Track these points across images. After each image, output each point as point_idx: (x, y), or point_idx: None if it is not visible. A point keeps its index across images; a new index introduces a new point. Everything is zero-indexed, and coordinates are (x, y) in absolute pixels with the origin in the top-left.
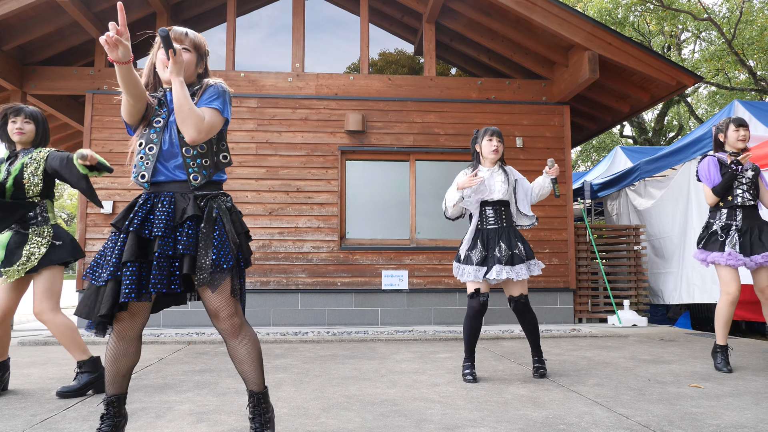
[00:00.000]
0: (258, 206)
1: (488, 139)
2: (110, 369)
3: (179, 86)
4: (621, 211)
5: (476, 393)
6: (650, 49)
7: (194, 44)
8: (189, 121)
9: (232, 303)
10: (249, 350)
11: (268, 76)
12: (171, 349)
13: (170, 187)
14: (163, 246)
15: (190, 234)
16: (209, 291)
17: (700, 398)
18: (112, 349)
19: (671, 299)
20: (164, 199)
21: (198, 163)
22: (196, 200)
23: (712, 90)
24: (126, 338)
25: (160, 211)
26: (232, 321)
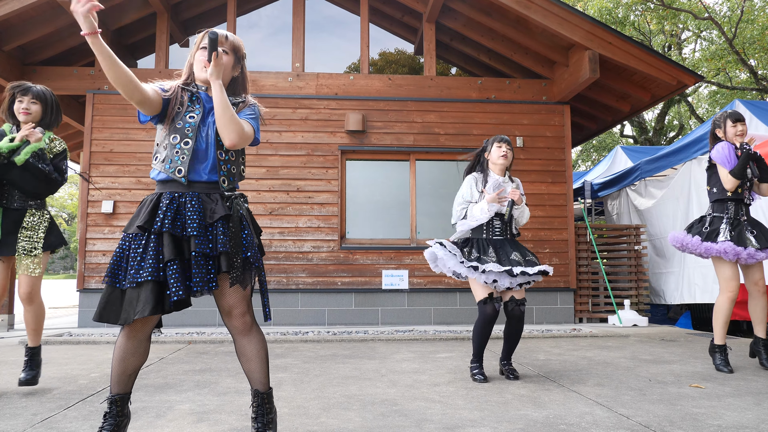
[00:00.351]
0: (258, 206)
1: (498, 146)
2: (118, 368)
3: (219, 90)
4: (621, 210)
5: (476, 393)
6: (651, 48)
7: (233, 47)
8: (232, 127)
9: (246, 301)
10: (258, 349)
11: (268, 76)
12: (171, 349)
13: (196, 188)
14: (200, 245)
15: (224, 232)
16: (227, 289)
17: (701, 398)
18: (122, 348)
19: (673, 299)
20: (192, 198)
21: (228, 169)
22: (223, 200)
23: (713, 89)
24: (136, 338)
25: (191, 210)
26: (245, 319)
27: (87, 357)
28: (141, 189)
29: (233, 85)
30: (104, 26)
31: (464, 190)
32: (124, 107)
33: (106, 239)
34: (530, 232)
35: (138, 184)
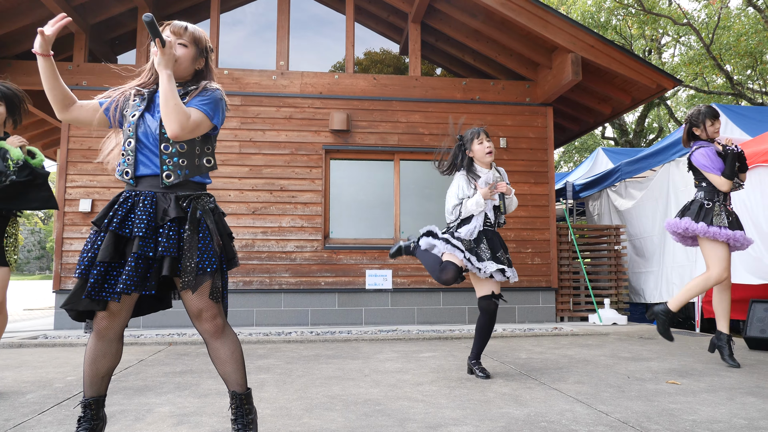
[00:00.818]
0: (241, 205)
1: (479, 142)
2: (89, 370)
3: (166, 79)
4: (602, 211)
5: (459, 392)
6: (631, 52)
7: (193, 38)
8: (173, 116)
9: (215, 304)
10: (231, 351)
11: (252, 74)
12: (151, 351)
13: (150, 182)
14: (143, 247)
15: (171, 236)
16: (191, 293)
17: (677, 394)
18: (92, 350)
19: (652, 298)
20: (145, 198)
21: (174, 162)
22: (178, 201)
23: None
24: (106, 338)
25: (142, 210)
26: (215, 322)
27: (63, 360)
28: (120, 187)
29: (197, 80)
30: (84, 20)
31: (456, 189)
32: None
33: (84, 239)
34: (513, 232)
35: (117, 183)
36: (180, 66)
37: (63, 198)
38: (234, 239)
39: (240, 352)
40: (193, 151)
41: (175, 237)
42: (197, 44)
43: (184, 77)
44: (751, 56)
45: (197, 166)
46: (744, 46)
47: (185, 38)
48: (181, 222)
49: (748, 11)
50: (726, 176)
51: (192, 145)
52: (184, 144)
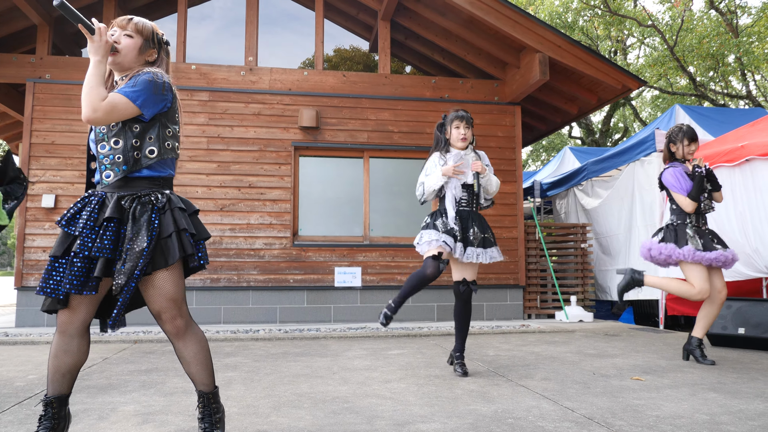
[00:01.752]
0: (209, 202)
1: (456, 126)
2: (51, 365)
3: (93, 66)
4: (569, 209)
5: (427, 389)
6: (598, 53)
7: (137, 29)
8: (86, 99)
9: (175, 305)
10: (196, 351)
11: (220, 70)
12: (116, 348)
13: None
14: (81, 246)
15: (109, 236)
16: (150, 293)
17: (641, 390)
18: (54, 345)
19: None
20: (94, 198)
21: (111, 160)
22: (119, 201)
23: (655, 94)
24: (67, 333)
25: (86, 210)
26: (175, 323)
27: (25, 358)
28: (84, 182)
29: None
30: (48, 13)
31: (427, 165)
32: (67, 97)
33: (47, 235)
34: None
35: (81, 178)
36: (126, 57)
37: (26, 195)
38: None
39: (206, 351)
40: (126, 144)
41: (111, 237)
42: (142, 34)
43: (132, 67)
44: (713, 58)
45: (137, 160)
46: (706, 49)
47: (129, 28)
48: (121, 223)
49: (711, 14)
50: (691, 197)
51: (125, 138)
52: (118, 139)
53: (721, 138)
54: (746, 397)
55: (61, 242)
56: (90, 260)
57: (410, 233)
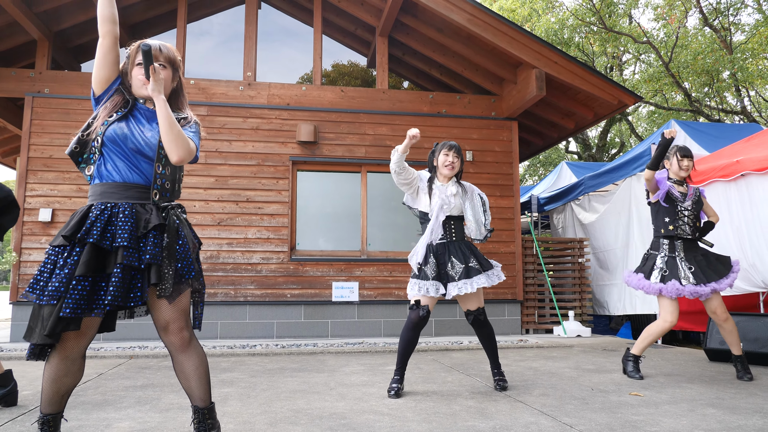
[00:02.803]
0: (206, 216)
1: (445, 153)
2: (50, 388)
3: (164, 106)
4: (566, 224)
5: (425, 405)
6: (594, 69)
7: (169, 59)
8: (180, 143)
9: (185, 316)
10: (197, 365)
11: (218, 84)
12: (112, 364)
13: (129, 193)
14: (128, 257)
15: (156, 243)
16: (163, 303)
17: (640, 406)
18: (54, 369)
19: (616, 310)
20: (125, 209)
21: (162, 184)
22: (159, 210)
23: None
24: (70, 358)
25: (122, 221)
26: (182, 334)
27: (19, 373)
28: (82, 197)
29: (174, 98)
30: (47, 28)
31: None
32: (66, 111)
33: (43, 249)
34: (479, 244)
35: (79, 192)
36: (165, 88)
37: (22, 207)
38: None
39: (205, 366)
40: (175, 176)
41: (159, 245)
42: (173, 64)
43: (166, 97)
44: (707, 74)
45: (176, 191)
46: (701, 65)
47: (162, 59)
48: (162, 230)
49: (705, 31)
50: (648, 166)
51: (174, 171)
52: (170, 167)
53: (716, 153)
54: (745, 413)
55: (93, 258)
56: (131, 271)
57: (408, 248)
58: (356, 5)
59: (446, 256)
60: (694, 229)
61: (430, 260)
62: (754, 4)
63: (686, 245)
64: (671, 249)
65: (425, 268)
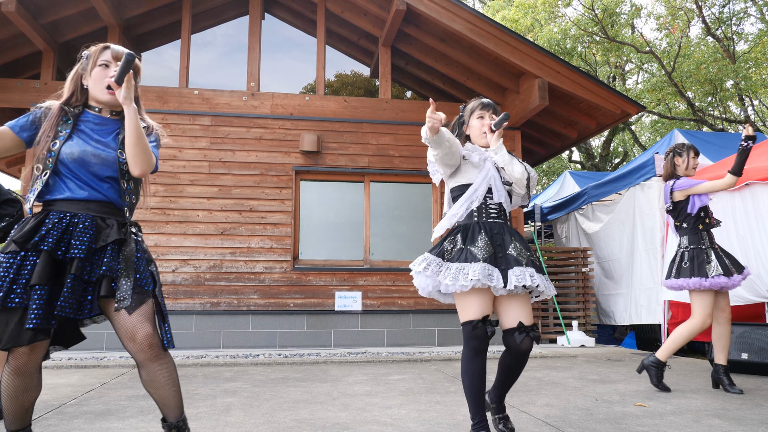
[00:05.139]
0: (209, 225)
1: (479, 116)
2: (11, 406)
3: (134, 116)
4: (570, 233)
5: (429, 415)
6: (596, 78)
7: (135, 67)
8: (144, 157)
9: (151, 323)
10: (170, 373)
11: (222, 95)
12: (114, 373)
13: (87, 206)
14: (81, 269)
15: (113, 256)
16: (123, 313)
17: (644, 417)
18: (11, 386)
19: (622, 320)
20: (84, 220)
21: (130, 199)
22: (120, 227)
23: (654, 119)
24: (26, 373)
25: (81, 232)
26: (152, 341)
27: None
28: None
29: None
30: (52, 39)
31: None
32: None
33: None
34: None
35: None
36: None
37: (22, 211)
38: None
39: (176, 373)
40: (137, 189)
41: (115, 259)
42: (137, 73)
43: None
44: (711, 84)
45: (137, 203)
46: (704, 74)
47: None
48: (121, 244)
49: (708, 40)
50: (733, 172)
51: (137, 184)
52: (133, 182)
53: (720, 163)
54: (751, 424)
55: (48, 267)
56: (83, 283)
57: (411, 257)
58: (359, 16)
59: (503, 238)
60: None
61: (482, 236)
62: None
63: (711, 236)
64: (710, 238)
65: (471, 247)
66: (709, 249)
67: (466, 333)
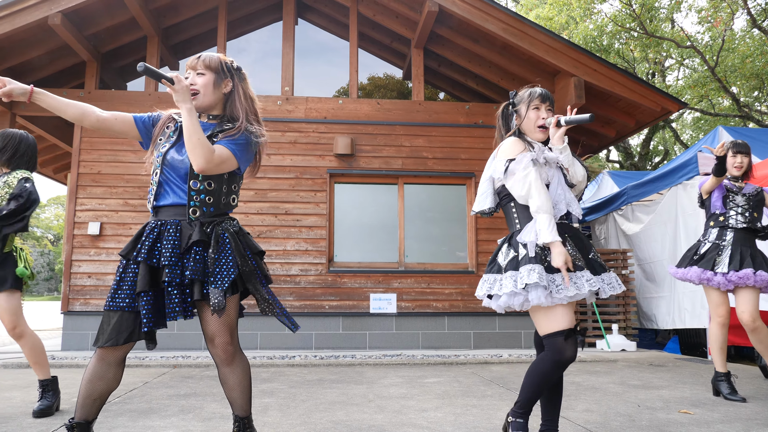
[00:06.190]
0: (246, 229)
1: (534, 107)
2: (84, 390)
3: (187, 114)
4: (609, 235)
5: (465, 419)
6: (635, 75)
7: (206, 65)
8: (197, 151)
9: (229, 330)
10: (240, 378)
11: (257, 100)
12: (156, 373)
13: (175, 211)
14: (170, 274)
15: (198, 260)
16: (211, 317)
17: (690, 425)
18: (90, 370)
19: (665, 324)
20: (170, 227)
21: (201, 199)
22: (202, 226)
23: (697, 116)
24: (106, 361)
25: (167, 239)
26: (227, 348)
27: (70, 381)
28: (128, 211)
29: (230, 103)
30: (95, 49)
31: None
32: None
33: (92, 261)
34: None
35: (125, 206)
36: (206, 96)
37: (72, 221)
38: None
39: (248, 379)
40: (220, 189)
41: (202, 261)
42: (211, 68)
43: (214, 104)
44: (757, 78)
45: (224, 204)
46: (750, 68)
47: (199, 67)
48: (206, 246)
49: (753, 33)
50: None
51: (219, 184)
52: (212, 182)
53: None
54: None
55: (147, 275)
56: (181, 287)
57: (445, 259)
58: (391, 18)
59: (579, 242)
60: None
61: (568, 244)
62: None
63: (737, 235)
64: (719, 236)
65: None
66: (728, 247)
67: (557, 344)
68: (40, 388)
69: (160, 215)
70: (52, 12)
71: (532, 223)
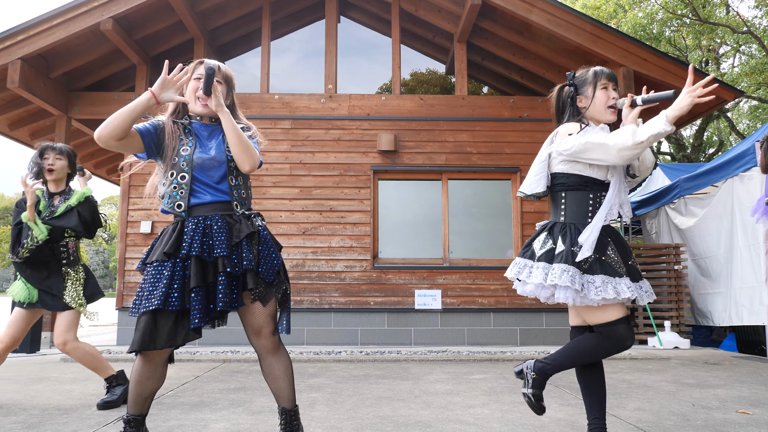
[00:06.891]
0: (291, 226)
1: (603, 87)
2: (134, 390)
3: (229, 119)
4: (661, 229)
5: (512, 416)
6: (687, 63)
7: (225, 77)
8: (249, 152)
9: (274, 321)
10: (285, 367)
11: (301, 98)
12: (206, 367)
13: (214, 207)
14: (228, 265)
15: (249, 250)
16: (257, 307)
17: (749, 425)
18: (138, 372)
19: (721, 321)
20: (217, 221)
21: (239, 194)
22: (246, 220)
23: (754, 104)
24: (153, 362)
25: (218, 232)
26: (273, 338)
27: None
28: None
29: (231, 112)
30: (145, 53)
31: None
32: None
33: None
34: None
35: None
36: None
37: (126, 220)
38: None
39: (291, 368)
40: (246, 184)
41: (252, 252)
42: (228, 82)
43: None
44: None
45: (249, 198)
46: None
47: (219, 76)
48: (252, 238)
49: None
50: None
51: (245, 179)
52: (242, 178)
53: None
54: None
55: (201, 270)
56: (230, 278)
57: (490, 255)
58: (433, 13)
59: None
60: None
61: (610, 248)
62: None
63: None
64: None
65: (608, 259)
66: None
67: (618, 332)
68: (106, 384)
69: (195, 213)
70: (104, 18)
71: (592, 225)
